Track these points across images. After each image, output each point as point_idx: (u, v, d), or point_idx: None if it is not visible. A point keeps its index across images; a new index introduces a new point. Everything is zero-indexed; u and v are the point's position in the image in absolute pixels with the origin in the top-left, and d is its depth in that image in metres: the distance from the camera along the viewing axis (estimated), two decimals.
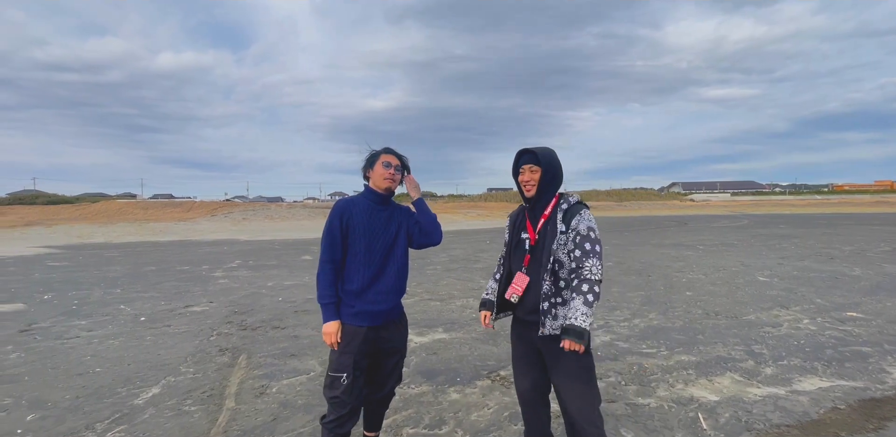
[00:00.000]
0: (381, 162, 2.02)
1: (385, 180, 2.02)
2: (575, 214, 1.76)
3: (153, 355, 3.80)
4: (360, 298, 1.95)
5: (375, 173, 2.03)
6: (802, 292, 5.82)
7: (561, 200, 1.86)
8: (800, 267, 7.86)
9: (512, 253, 1.93)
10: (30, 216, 27.50)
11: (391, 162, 2.04)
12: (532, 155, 1.85)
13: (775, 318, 4.65)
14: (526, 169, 1.85)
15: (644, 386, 3.01)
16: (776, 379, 3.10)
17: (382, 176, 2.02)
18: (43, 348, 4.06)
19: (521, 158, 1.89)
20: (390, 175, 2.03)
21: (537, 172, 1.83)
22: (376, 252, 1.98)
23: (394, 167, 2.03)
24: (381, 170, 2.02)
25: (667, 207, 44.96)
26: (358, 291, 1.95)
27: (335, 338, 1.93)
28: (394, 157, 2.06)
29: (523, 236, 1.90)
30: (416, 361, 3.57)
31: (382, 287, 2.00)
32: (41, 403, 2.89)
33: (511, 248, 1.94)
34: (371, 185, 2.07)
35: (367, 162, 2.09)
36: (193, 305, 5.72)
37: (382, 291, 1.99)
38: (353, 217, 1.98)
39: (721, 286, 6.31)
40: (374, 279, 1.97)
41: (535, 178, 1.83)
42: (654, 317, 4.77)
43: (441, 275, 7.76)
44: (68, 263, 10.52)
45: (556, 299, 1.75)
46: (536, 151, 1.85)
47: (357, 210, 2.00)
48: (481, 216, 31.82)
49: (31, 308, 5.64)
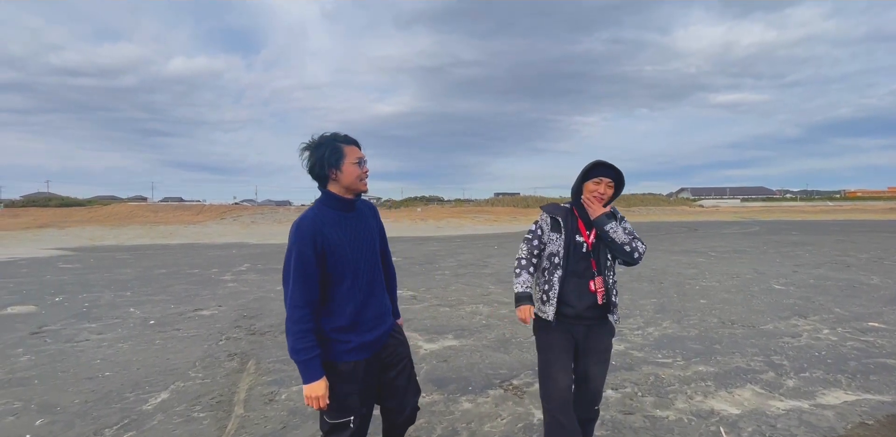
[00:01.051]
0: (352, 159, 1.61)
1: (363, 182, 1.65)
2: (623, 221, 2.03)
3: (162, 360, 3.79)
4: (353, 331, 1.62)
5: (347, 174, 1.61)
6: (820, 301, 5.68)
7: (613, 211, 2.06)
8: (815, 275, 7.70)
9: (570, 254, 1.96)
10: (43, 218, 27.89)
11: (363, 158, 1.65)
12: (612, 171, 1.96)
13: (794, 327, 4.53)
14: (604, 182, 1.96)
15: (662, 398, 2.93)
16: (799, 392, 3.00)
17: (359, 177, 1.63)
18: (53, 350, 4.06)
19: (599, 169, 1.96)
20: (366, 174, 1.66)
21: (612, 189, 1.97)
22: (363, 274, 1.65)
23: (365, 163, 1.67)
24: (355, 169, 1.61)
25: (676, 212, 44.55)
26: (350, 324, 1.61)
27: (325, 401, 1.54)
28: (359, 149, 1.66)
29: (578, 239, 1.97)
30: (427, 369, 3.51)
31: (376, 309, 1.69)
32: (50, 407, 2.88)
33: (569, 249, 1.96)
34: (337, 189, 1.63)
35: (327, 159, 1.58)
36: (202, 308, 5.71)
37: (377, 313, 1.70)
38: (328, 239, 1.55)
39: (736, 294, 6.19)
40: (365, 305, 1.65)
41: (608, 193, 1.96)
42: (668, 325, 4.68)
43: (450, 280, 7.70)
44: (80, 265, 10.61)
45: (613, 292, 1.99)
46: (617, 170, 1.97)
47: (329, 229, 1.57)
48: (489, 221, 31.73)
49: (43, 310, 5.67)
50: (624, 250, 1.89)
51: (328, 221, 1.58)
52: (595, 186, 1.95)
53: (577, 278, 1.96)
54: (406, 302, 5.96)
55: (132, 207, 33.84)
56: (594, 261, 1.94)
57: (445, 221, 30.93)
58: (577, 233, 1.98)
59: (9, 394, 3.09)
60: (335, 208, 1.63)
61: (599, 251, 1.95)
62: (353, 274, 1.61)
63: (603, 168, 1.95)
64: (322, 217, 1.58)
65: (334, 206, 1.63)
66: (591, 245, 1.96)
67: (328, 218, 1.59)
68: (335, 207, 1.63)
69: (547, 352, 1.98)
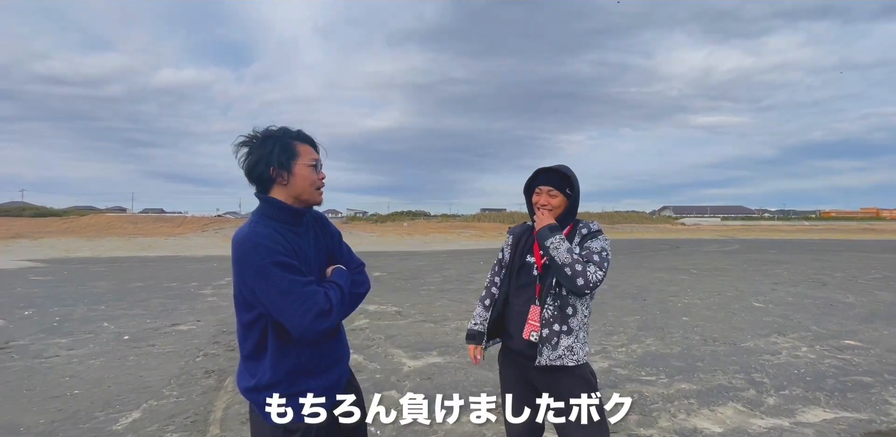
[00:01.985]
0: (307, 160, 1.26)
1: (319, 192, 1.30)
2: (593, 239, 1.61)
3: (135, 377, 3.65)
4: (312, 373, 1.28)
5: (300, 179, 1.25)
6: (798, 319, 5.80)
7: (580, 225, 1.68)
8: (793, 293, 7.87)
9: (514, 277, 1.70)
10: (15, 229, 26.99)
11: (320, 160, 1.30)
12: (552, 177, 1.64)
13: (773, 345, 4.60)
14: (544, 191, 1.64)
15: (645, 416, 2.93)
16: (779, 410, 3.03)
17: (314, 184, 1.28)
18: (19, 367, 3.88)
19: (539, 176, 1.67)
20: (323, 182, 1.31)
21: (556, 197, 1.63)
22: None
23: (322, 168, 1.32)
24: (310, 174, 1.26)
25: (658, 230, 45.35)
26: (307, 364, 1.27)
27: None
28: (313, 149, 1.31)
29: (529, 259, 1.68)
30: (411, 386, 3.45)
31: (330, 351, 1.34)
32: (13, 428, 2.73)
33: (513, 270, 1.71)
34: (285, 197, 1.26)
35: (276, 158, 1.23)
36: (180, 323, 5.55)
37: (337, 348, 1.37)
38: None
39: (717, 312, 6.28)
40: (316, 345, 1.30)
41: (552, 202, 1.63)
42: (651, 343, 4.71)
43: (434, 296, 7.65)
44: (52, 277, 10.25)
45: (561, 326, 1.56)
46: (560, 173, 1.64)
47: (282, 248, 1.20)
48: (475, 236, 31.80)
49: (10, 325, 5.44)
50: (563, 273, 1.49)
51: (281, 240, 1.22)
52: (537, 197, 1.67)
53: (520, 305, 1.65)
54: (390, 318, 5.89)
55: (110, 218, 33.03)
56: (539, 287, 1.62)
57: (432, 236, 30.90)
58: (529, 253, 1.69)
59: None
60: (282, 221, 1.25)
61: (550, 276, 1.60)
62: None
63: (544, 175, 1.66)
64: (275, 236, 1.21)
65: (280, 218, 1.25)
66: (542, 267, 1.64)
67: (282, 237, 1.23)
68: (281, 219, 1.25)
69: (503, 393, 1.71)
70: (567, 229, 1.67)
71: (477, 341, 1.77)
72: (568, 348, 1.56)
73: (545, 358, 1.55)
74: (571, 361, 1.56)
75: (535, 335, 1.59)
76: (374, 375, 3.70)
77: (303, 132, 1.31)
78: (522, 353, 1.63)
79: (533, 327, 1.60)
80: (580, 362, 1.58)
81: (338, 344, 1.39)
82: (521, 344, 1.63)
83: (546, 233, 1.57)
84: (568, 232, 1.67)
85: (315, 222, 1.39)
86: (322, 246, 1.37)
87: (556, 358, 1.54)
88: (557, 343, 1.55)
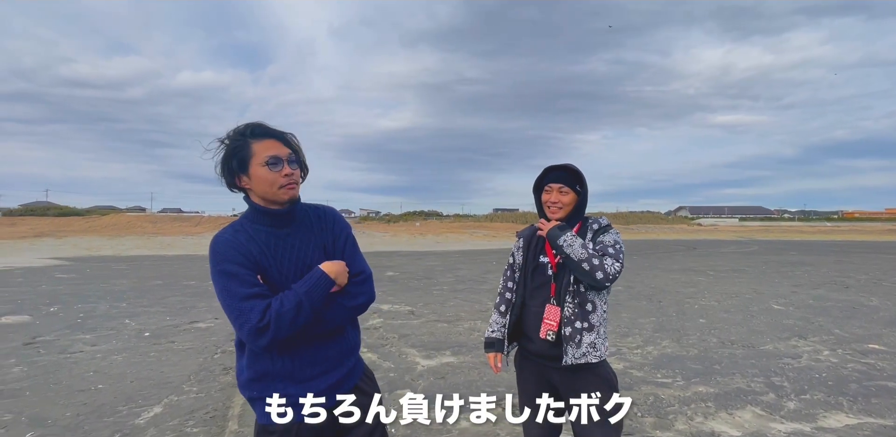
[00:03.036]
0: (261, 159, 1.17)
1: (283, 190, 1.19)
2: (604, 233, 1.64)
3: (156, 373, 3.74)
4: (293, 379, 1.24)
5: (257, 181, 1.18)
6: (820, 322, 5.66)
7: (589, 221, 1.69)
8: (815, 296, 7.69)
9: (529, 279, 1.69)
10: (40, 227, 27.82)
11: (280, 156, 1.18)
12: (563, 174, 1.64)
13: (794, 348, 4.51)
14: (554, 188, 1.64)
15: (661, 419, 2.89)
16: (800, 414, 2.97)
17: (275, 183, 1.18)
18: (46, 362, 4.01)
19: (549, 175, 1.67)
20: (289, 178, 1.19)
21: (567, 194, 1.63)
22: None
23: (286, 163, 1.19)
24: (265, 173, 1.17)
25: (674, 231, 44.68)
26: (285, 370, 1.23)
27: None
28: (280, 143, 1.20)
29: (542, 259, 1.67)
30: (424, 385, 3.47)
31: (322, 350, 1.27)
32: (41, 420, 2.83)
33: (527, 272, 1.71)
34: (258, 200, 1.22)
35: (232, 161, 1.18)
36: (198, 321, 5.66)
37: (328, 356, 1.28)
38: (257, 260, 1.20)
39: (735, 314, 6.17)
40: (297, 349, 1.25)
41: (562, 200, 1.63)
42: (667, 345, 4.65)
43: (448, 296, 7.66)
44: (76, 275, 10.55)
45: (582, 323, 1.56)
46: (570, 170, 1.65)
47: (255, 247, 1.20)
48: (487, 237, 31.74)
49: (37, 321, 5.62)
50: (581, 269, 1.50)
51: (254, 239, 1.21)
52: (547, 196, 1.67)
53: (537, 306, 1.64)
54: (403, 317, 5.92)
55: (130, 218, 33.82)
56: (554, 286, 1.62)
57: (444, 236, 30.94)
58: (542, 253, 1.69)
59: (0, 406, 3.04)
60: (259, 223, 1.23)
61: (565, 275, 1.61)
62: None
63: (554, 173, 1.66)
64: (245, 235, 1.20)
65: (257, 220, 1.23)
66: (556, 266, 1.63)
67: (254, 235, 1.21)
68: (259, 221, 1.23)
69: (520, 394, 1.73)
70: (577, 227, 1.67)
71: (497, 349, 1.76)
72: (591, 345, 1.56)
73: (570, 357, 1.54)
74: (595, 357, 1.57)
75: (551, 334, 1.59)
76: (388, 373, 3.73)
77: (262, 126, 1.20)
78: (542, 354, 1.63)
79: (549, 327, 1.59)
80: (603, 358, 1.59)
81: (330, 352, 1.28)
82: (540, 346, 1.63)
83: (556, 232, 1.57)
84: (578, 229, 1.67)
85: (317, 221, 1.30)
86: (316, 246, 1.27)
87: (580, 356, 1.54)
88: (580, 341, 1.55)
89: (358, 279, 1.29)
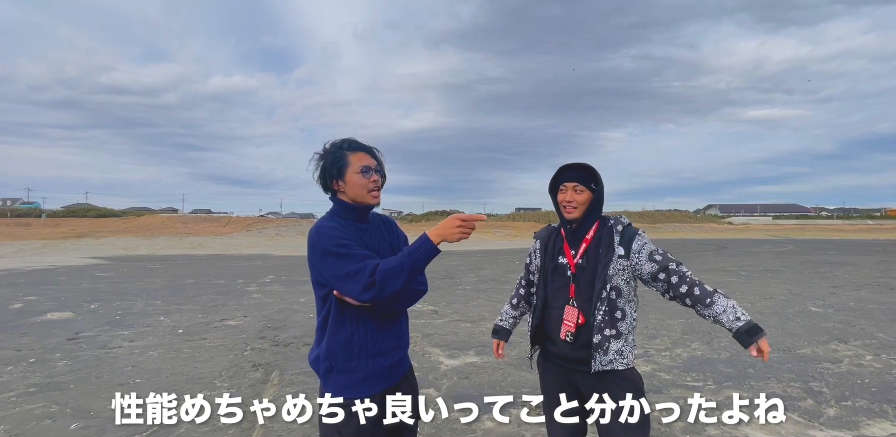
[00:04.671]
0: (356, 168, 1.44)
1: (372, 194, 1.46)
2: (633, 238, 1.60)
3: (190, 368, 3.87)
4: (364, 352, 1.42)
5: (351, 186, 1.44)
6: (862, 326, 5.40)
7: (608, 221, 1.66)
8: (856, 297, 7.33)
9: (548, 280, 1.69)
10: (81, 228, 29.21)
11: (370, 166, 1.46)
12: (577, 173, 1.63)
13: (834, 353, 4.31)
14: (569, 188, 1.62)
15: (693, 423, 2.81)
16: (841, 422, 2.84)
17: (366, 187, 1.45)
18: (88, 356, 4.21)
19: (564, 174, 1.65)
20: (375, 184, 1.47)
21: (583, 192, 1.61)
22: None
23: (374, 172, 1.47)
24: (358, 179, 1.44)
25: (703, 230, 43.35)
26: (360, 343, 1.42)
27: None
28: (369, 156, 1.47)
29: (561, 260, 1.66)
30: (448, 385, 3.48)
31: (390, 334, 1.48)
32: (85, 412, 2.97)
33: (546, 273, 1.70)
34: (347, 200, 1.48)
35: (332, 169, 1.45)
36: (228, 319, 5.84)
37: (393, 336, 1.49)
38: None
39: (770, 316, 5.94)
40: (375, 329, 1.45)
41: (578, 199, 1.61)
42: (697, 347, 4.52)
43: (471, 295, 7.66)
44: (114, 273, 11.03)
45: (611, 330, 1.56)
46: (584, 169, 1.63)
47: (344, 235, 1.41)
48: (509, 236, 31.56)
49: (79, 317, 5.90)
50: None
51: (345, 228, 1.44)
52: (562, 195, 1.63)
53: (558, 308, 1.64)
54: (427, 316, 5.95)
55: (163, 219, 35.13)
56: (573, 287, 1.61)
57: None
58: (560, 254, 1.67)
59: (47, 398, 3.21)
60: (349, 218, 1.47)
61: (584, 275, 1.59)
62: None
63: (568, 173, 1.64)
64: (339, 223, 1.44)
65: (347, 216, 1.47)
66: (575, 267, 1.62)
67: (345, 226, 1.45)
68: (348, 217, 1.47)
69: (544, 396, 1.73)
70: (595, 226, 1.65)
71: (500, 337, 1.90)
72: (618, 352, 1.55)
73: (597, 364, 1.54)
74: (621, 365, 1.56)
75: (570, 335, 1.59)
76: None
77: (355, 142, 1.48)
78: (565, 357, 1.63)
79: (568, 327, 1.59)
80: (629, 365, 1.58)
81: (394, 332, 1.49)
82: (562, 348, 1.63)
83: (756, 333, 1.49)
84: (596, 228, 1.64)
85: (382, 224, 1.58)
86: (387, 243, 1.54)
87: (607, 363, 1.54)
88: (608, 348, 1.55)
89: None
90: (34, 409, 3.02)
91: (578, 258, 1.61)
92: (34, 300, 7.08)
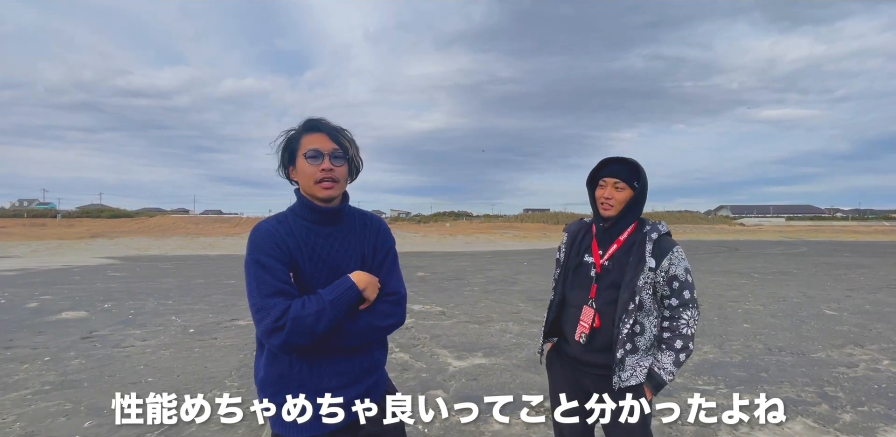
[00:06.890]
0: (303, 152, 1.17)
1: (322, 185, 1.17)
2: (667, 252, 1.50)
3: (200, 368, 3.91)
4: (304, 388, 1.21)
5: (300, 172, 1.19)
6: (879, 329, 5.29)
7: (644, 225, 1.56)
8: (872, 300, 7.19)
9: (570, 277, 1.61)
10: (95, 229, 29.69)
11: (321, 150, 1.16)
12: (620, 168, 1.51)
13: (849, 357, 4.23)
14: (609, 183, 1.51)
15: (703, 427, 2.78)
16: (857, 428, 2.78)
17: (313, 177, 1.17)
18: (101, 355, 4.27)
19: (605, 168, 1.54)
20: (326, 173, 1.16)
21: (623, 190, 1.50)
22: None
23: (327, 158, 1.16)
24: (305, 167, 1.17)
25: (714, 231, 42.82)
26: (300, 378, 1.21)
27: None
28: (327, 138, 1.17)
29: (587, 258, 1.58)
30: (457, 386, 3.48)
31: (344, 364, 1.23)
32: (98, 410, 3.02)
33: (568, 270, 1.62)
34: (304, 192, 1.22)
35: (285, 153, 1.21)
36: (238, 319, 5.89)
37: (348, 369, 1.24)
38: (293, 252, 1.18)
39: (783, 319, 5.85)
40: (317, 358, 1.21)
41: (617, 196, 1.50)
42: (708, 350, 4.46)
43: (479, 297, 7.64)
44: (127, 273, 11.19)
45: (629, 345, 1.49)
46: (629, 163, 1.52)
47: (293, 240, 1.18)
48: (517, 237, 31.46)
49: (93, 316, 6.00)
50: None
51: (294, 234, 1.18)
52: (601, 191, 1.53)
53: (577, 307, 1.58)
54: (435, 318, 5.95)
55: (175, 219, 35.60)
56: (595, 287, 1.54)
57: (474, 236, 30.87)
58: (587, 252, 1.59)
59: (61, 396, 3.27)
60: (307, 219, 1.20)
61: (608, 278, 1.52)
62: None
63: (610, 167, 1.53)
64: (286, 228, 1.19)
65: (301, 214, 1.21)
66: (601, 267, 1.54)
67: (294, 229, 1.19)
68: (306, 217, 1.20)
69: (550, 393, 1.71)
70: (631, 227, 1.56)
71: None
72: (632, 367, 1.52)
73: (618, 382, 1.49)
74: (635, 379, 1.52)
75: (584, 337, 1.54)
76: (420, 374, 3.76)
77: (315, 121, 1.19)
78: (577, 358, 1.60)
79: (583, 329, 1.54)
80: (642, 380, 1.54)
81: (348, 366, 1.22)
82: (575, 349, 1.59)
83: (655, 388, 1.48)
84: (632, 230, 1.56)
85: (362, 228, 1.27)
86: (356, 253, 1.24)
87: (627, 378, 1.49)
88: (625, 365, 1.51)
89: (391, 299, 1.24)
90: (49, 406, 3.07)
91: (605, 260, 1.54)
92: (49, 300, 7.21)
